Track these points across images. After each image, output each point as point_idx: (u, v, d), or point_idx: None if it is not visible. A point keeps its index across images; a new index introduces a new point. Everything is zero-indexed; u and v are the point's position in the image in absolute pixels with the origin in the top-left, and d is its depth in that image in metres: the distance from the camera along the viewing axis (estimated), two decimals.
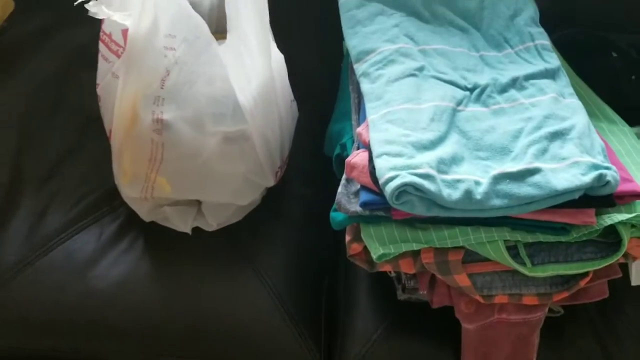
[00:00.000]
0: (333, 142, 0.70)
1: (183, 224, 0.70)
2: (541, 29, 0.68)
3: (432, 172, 0.52)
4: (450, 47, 0.66)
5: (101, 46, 0.67)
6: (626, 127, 0.67)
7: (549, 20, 0.71)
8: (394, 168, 0.52)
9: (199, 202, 0.71)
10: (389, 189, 0.51)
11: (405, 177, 0.50)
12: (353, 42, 0.67)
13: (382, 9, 0.69)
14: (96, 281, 0.68)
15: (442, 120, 0.57)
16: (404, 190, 0.51)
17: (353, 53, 0.66)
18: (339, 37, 0.83)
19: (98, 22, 0.80)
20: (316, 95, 0.82)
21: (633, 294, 0.67)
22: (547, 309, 0.59)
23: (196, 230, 0.71)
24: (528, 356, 0.60)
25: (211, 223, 0.70)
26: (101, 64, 0.68)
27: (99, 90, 0.69)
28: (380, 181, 0.52)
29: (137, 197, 0.67)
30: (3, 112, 0.81)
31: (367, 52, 0.65)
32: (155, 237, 0.71)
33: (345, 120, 0.69)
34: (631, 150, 0.62)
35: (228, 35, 0.59)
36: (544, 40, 0.67)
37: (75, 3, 0.61)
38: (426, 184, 0.51)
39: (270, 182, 0.69)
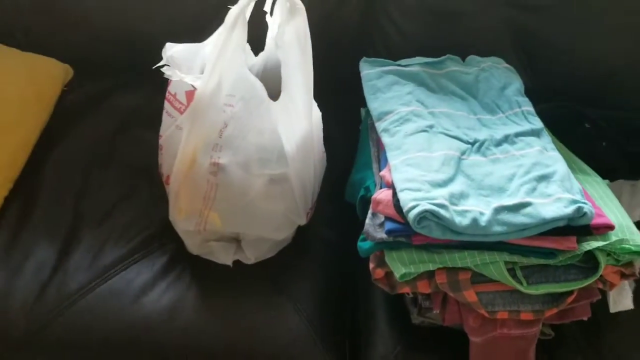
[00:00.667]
0: (356, 188, 0.83)
1: (225, 257, 0.81)
2: (526, 98, 0.84)
3: (446, 202, 0.64)
4: (453, 111, 0.81)
5: (166, 104, 0.80)
6: (598, 178, 0.81)
7: (531, 96, 0.86)
8: (415, 199, 0.64)
9: (238, 240, 0.82)
10: (412, 215, 0.63)
11: (425, 206, 0.63)
12: (374, 105, 0.82)
13: (398, 80, 0.84)
14: (149, 308, 0.78)
15: (450, 165, 0.71)
16: (424, 216, 0.63)
17: (375, 114, 0.81)
18: (349, 108, 0.98)
19: (149, 87, 0.96)
20: (334, 153, 0.96)
21: (613, 321, 0.78)
22: (540, 325, 0.70)
23: (236, 263, 0.82)
24: None
25: (249, 257, 0.81)
26: (165, 119, 0.81)
27: (161, 141, 0.81)
28: (404, 209, 0.64)
29: (191, 230, 0.78)
30: (65, 162, 0.93)
31: (387, 113, 0.80)
32: (200, 269, 0.81)
33: (366, 170, 0.83)
34: (603, 195, 0.75)
35: (281, 94, 0.73)
36: (529, 107, 0.82)
37: (154, 67, 0.75)
38: (442, 211, 0.63)
39: (303, 221, 0.81)
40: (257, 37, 0.79)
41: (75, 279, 0.80)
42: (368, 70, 0.87)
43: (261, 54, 0.82)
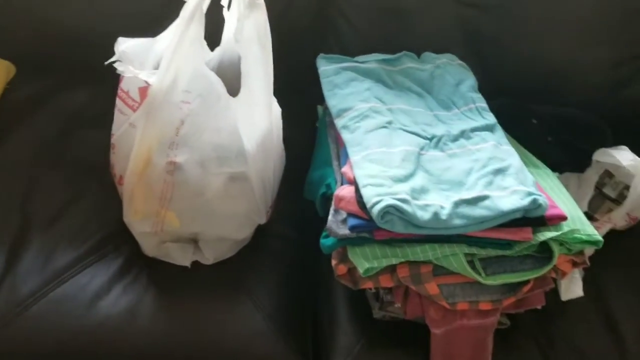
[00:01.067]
0: (315, 185, 0.83)
1: (183, 259, 0.79)
2: (480, 95, 0.86)
3: (408, 197, 0.65)
4: (410, 107, 0.82)
5: (118, 102, 0.77)
6: (548, 170, 0.84)
7: (481, 92, 0.88)
8: (378, 194, 0.65)
9: (196, 240, 0.81)
10: (375, 210, 0.64)
11: (388, 201, 0.64)
12: (333, 101, 0.82)
13: (355, 76, 0.85)
14: (105, 312, 0.75)
15: (410, 160, 0.72)
16: (387, 211, 0.64)
17: (334, 110, 0.81)
18: (304, 105, 0.98)
19: (96, 85, 0.92)
20: (290, 150, 0.96)
21: (563, 308, 0.81)
22: (499, 315, 0.72)
23: (194, 264, 0.80)
24: (485, 358, 0.72)
25: (208, 257, 0.80)
26: (117, 117, 0.78)
27: (113, 140, 0.79)
28: (368, 205, 0.65)
29: (148, 231, 0.76)
30: (9, 164, 0.89)
31: (346, 109, 0.80)
32: (157, 271, 0.79)
33: (326, 167, 0.82)
34: (554, 187, 0.78)
35: (241, 90, 0.72)
36: (483, 103, 0.84)
37: (106, 63, 0.72)
38: (404, 206, 0.64)
39: (263, 220, 0.81)
40: (212, 32, 0.78)
41: (26, 283, 0.76)
42: (325, 67, 0.87)
43: (217, 49, 0.81)
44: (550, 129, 1.04)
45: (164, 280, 0.79)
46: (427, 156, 0.74)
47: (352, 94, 0.82)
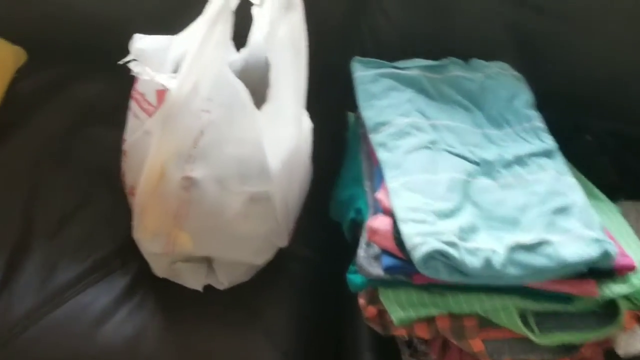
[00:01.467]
0: (344, 207, 0.74)
1: (195, 282, 0.72)
2: (537, 112, 0.76)
3: (456, 240, 0.56)
4: (456, 124, 0.72)
5: (132, 104, 0.69)
6: (610, 204, 0.74)
7: None
8: (421, 234, 0.56)
9: (210, 260, 0.73)
10: (418, 254, 0.55)
11: (433, 244, 0.55)
12: (369, 113, 0.73)
13: (395, 85, 0.75)
14: (108, 338, 0.68)
15: (457, 190, 0.62)
16: (432, 256, 0.55)
17: (369, 124, 0.72)
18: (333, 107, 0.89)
19: (111, 76, 0.83)
20: (315, 160, 0.87)
21: None
22: None
23: (207, 287, 0.72)
24: None
25: (222, 281, 0.72)
26: (131, 121, 0.70)
27: (125, 146, 0.71)
28: (408, 246, 0.56)
29: (158, 252, 0.68)
30: (12, 163, 0.82)
31: (383, 124, 0.71)
32: (166, 293, 0.72)
33: (356, 186, 0.73)
34: (620, 228, 0.68)
35: (268, 102, 0.63)
36: (540, 122, 0.74)
37: (120, 62, 0.64)
38: (451, 251, 0.55)
39: (285, 243, 0.72)
40: (239, 28, 0.69)
41: (23, 302, 0.69)
42: (361, 72, 0.77)
43: (243, 50, 0.72)
44: (606, 148, 0.93)
45: (172, 305, 0.71)
46: (476, 185, 0.65)
47: (390, 106, 0.72)
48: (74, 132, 0.87)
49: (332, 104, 0.90)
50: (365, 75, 0.76)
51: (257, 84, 0.67)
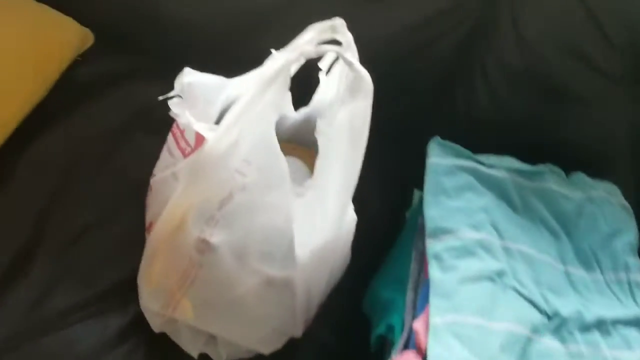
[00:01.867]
0: (378, 309, 0.63)
1: (192, 346, 0.63)
2: (639, 262, 0.61)
3: None
4: (536, 252, 0.60)
5: (169, 139, 0.62)
6: None
7: None
8: None
9: None
10: None
11: None
12: (432, 212, 0.61)
13: (474, 184, 0.63)
14: None
15: (513, 350, 0.50)
16: None
17: (429, 225, 0.60)
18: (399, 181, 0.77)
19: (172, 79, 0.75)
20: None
21: None
22: None
23: (203, 356, 0.63)
24: None
25: (221, 354, 0.63)
26: (163, 156, 0.63)
27: (152, 181, 0.64)
28: None
29: (155, 310, 0.60)
30: (42, 160, 0.74)
31: (446, 231, 0.59)
32: (159, 350, 0.64)
33: (398, 290, 0.62)
34: None
35: (309, 190, 0.53)
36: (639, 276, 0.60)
37: (160, 98, 0.56)
38: None
39: (299, 333, 0.62)
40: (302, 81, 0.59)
41: (5, 324, 0.62)
42: (437, 159, 0.65)
43: (302, 110, 0.62)
44: None
45: None
46: (540, 346, 0.52)
47: (461, 210, 0.61)
48: (119, 135, 0.80)
49: (400, 173, 0.79)
50: (441, 163, 0.65)
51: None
